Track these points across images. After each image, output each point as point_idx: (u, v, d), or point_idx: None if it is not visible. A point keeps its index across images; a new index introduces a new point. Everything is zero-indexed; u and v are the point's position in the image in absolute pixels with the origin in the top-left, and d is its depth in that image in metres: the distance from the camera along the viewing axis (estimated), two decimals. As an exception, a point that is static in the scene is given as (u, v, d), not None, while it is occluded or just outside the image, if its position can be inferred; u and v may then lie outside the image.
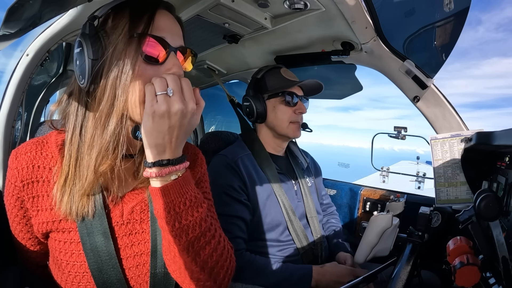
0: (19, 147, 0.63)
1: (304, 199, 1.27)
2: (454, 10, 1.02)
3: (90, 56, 0.54)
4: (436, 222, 1.02)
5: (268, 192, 1.17)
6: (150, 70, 0.57)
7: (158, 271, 0.66)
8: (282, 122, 1.22)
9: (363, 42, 1.18)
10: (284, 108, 1.22)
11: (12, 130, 0.99)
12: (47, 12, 0.47)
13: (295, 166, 1.34)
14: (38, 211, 0.62)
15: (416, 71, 1.19)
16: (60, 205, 0.59)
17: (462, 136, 1.13)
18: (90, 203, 0.61)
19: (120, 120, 0.57)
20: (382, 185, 1.97)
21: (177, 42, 0.61)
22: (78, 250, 0.62)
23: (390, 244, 0.95)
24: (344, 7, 1.01)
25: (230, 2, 1.04)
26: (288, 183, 1.25)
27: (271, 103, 1.24)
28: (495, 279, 0.72)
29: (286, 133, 1.24)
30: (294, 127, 1.23)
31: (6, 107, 0.97)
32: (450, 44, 1.17)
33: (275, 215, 1.15)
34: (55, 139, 0.64)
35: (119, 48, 0.56)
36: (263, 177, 1.19)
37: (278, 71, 1.26)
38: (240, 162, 1.16)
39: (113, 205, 0.65)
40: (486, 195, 0.68)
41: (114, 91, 0.56)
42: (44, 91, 1.73)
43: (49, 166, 0.62)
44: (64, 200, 0.59)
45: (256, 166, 1.20)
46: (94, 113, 0.58)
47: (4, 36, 0.46)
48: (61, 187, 0.59)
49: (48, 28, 0.94)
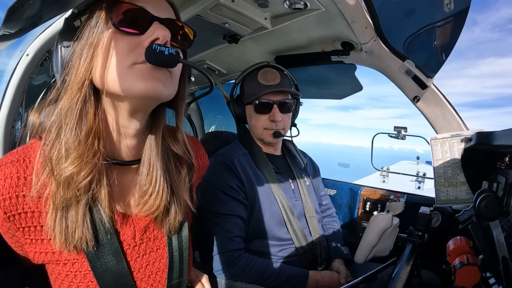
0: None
1: (302, 198, 1.26)
2: (454, 10, 1.02)
3: (62, 44, 0.49)
4: (436, 222, 1.02)
5: (266, 191, 1.16)
6: (126, 40, 0.49)
7: (174, 282, 0.61)
8: (256, 128, 1.23)
9: (363, 42, 1.18)
10: (257, 116, 1.21)
11: (12, 130, 0.99)
12: (47, 12, 0.46)
13: (293, 165, 1.32)
14: (31, 241, 0.52)
15: (416, 71, 1.19)
16: (54, 237, 0.49)
17: (462, 136, 1.13)
18: (88, 231, 0.50)
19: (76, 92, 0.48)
20: (382, 185, 1.97)
21: (164, 14, 0.52)
22: (86, 282, 0.53)
23: (390, 244, 0.95)
24: (344, 7, 1.01)
25: (230, 2, 1.04)
26: (286, 183, 1.24)
27: (248, 109, 1.25)
28: (495, 279, 0.72)
29: (262, 138, 1.24)
30: (269, 133, 1.21)
31: (6, 107, 0.97)
32: (450, 44, 1.17)
33: (274, 214, 1.14)
34: None
35: (89, 23, 0.49)
36: (260, 176, 1.18)
37: (256, 74, 1.22)
38: (236, 161, 1.15)
39: (122, 227, 0.56)
40: (486, 195, 0.68)
41: (76, 65, 0.49)
42: (44, 91, 1.72)
43: (37, 195, 0.49)
44: (56, 230, 0.48)
45: (253, 165, 1.19)
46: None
47: (4, 36, 0.46)
48: (51, 216, 0.48)
49: (48, 28, 0.94)
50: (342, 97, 2.02)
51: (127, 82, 0.48)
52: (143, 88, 0.48)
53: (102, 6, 0.49)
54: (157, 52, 0.47)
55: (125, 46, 0.48)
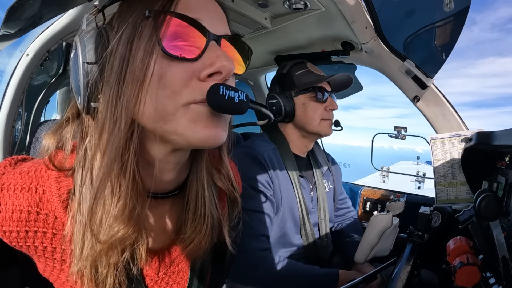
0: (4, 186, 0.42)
1: (320, 206, 1.20)
2: (454, 10, 1.02)
3: (85, 59, 0.37)
4: (436, 222, 1.02)
5: (290, 193, 1.10)
6: (178, 68, 0.37)
7: None
8: (313, 119, 1.12)
9: (363, 42, 1.18)
10: (315, 105, 1.12)
11: (12, 130, 0.99)
12: (47, 12, 0.46)
13: (316, 169, 1.24)
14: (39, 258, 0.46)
15: (416, 71, 1.19)
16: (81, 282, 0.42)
17: (462, 136, 1.13)
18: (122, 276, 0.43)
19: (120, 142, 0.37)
20: (382, 185, 1.97)
21: (220, 29, 0.41)
22: None
23: (390, 244, 0.95)
24: (344, 7, 1.00)
25: (230, 2, 1.03)
26: (306, 188, 1.18)
27: (300, 100, 1.13)
28: (495, 279, 0.72)
29: (318, 131, 1.14)
30: (326, 124, 1.14)
31: (6, 107, 0.97)
32: (450, 44, 1.17)
33: (293, 219, 1.09)
34: (57, 186, 0.42)
35: (125, 38, 0.37)
36: (286, 176, 1.11)
37: (305, 65, 1.17)
38: (266, 155, 1.07)
39: (147, 265, 0.49)
40: (486, 195, 0.68)
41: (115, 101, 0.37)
42: (44, 91, 1.73)
43: (52, 231, 0.43)
44: (85, 279, 0.42)
45: (281, 163, 1.11)
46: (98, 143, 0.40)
47: (4, 36, 0.46)
48: (77, 265, 0.41)
49: (48, 28, 0.94)
50: (342, 97, 2.02)
51: (181, 126, 0.37)
52: (203, 137, 0.38)
53: (140, 16, 0.37)
54: (226, 99, 0.36)
55: (177, 77, 0.37)
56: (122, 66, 0.37)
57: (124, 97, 0.37)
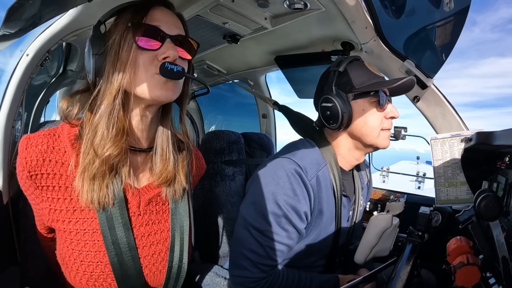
0: (31, 136, 0.64)
1: (351, 228, 1.08)
2: (454, 9, 1.02)
3: (94, 52, 0.62)
4: (436, 222, 1.02)
5: (329, 218, 0.97)
6: (146, 55, 0.62)
7: (174, 264, 0.72)
8: (373, 129, 0.94)
9: (363, 42, 1.18)
10: (376, 112, 0.94)
11: (12, 130, 0.99)
12: (47, 12, 0.47)
13: (357, 185, 1.08)
14: (47, 198, 0.63)
15: (416, 71, 1.19)
16: (82, 195, 0.62)
17: (462, 136, 1.13)
18: (110, 193, 0.64)
19: (112, 100, 0.62)
20: (382, 185, 1.97)
21: (174, 31, 0.66)
22: (93, 240, 0.64)
23: (390, 244, 0.95)
24: (344, 7, 1.01)
25: (230, 2, 1.04)
26: (347, 207, 1.03)
27: (359, 105, 0.93)
28: (495, 279, 0.73)
29: (376, 143, 0.95)
30: (386, 135, 0.96)
31: (6, 107, 0.97)
32: (450, 44, 1.17)
33: (323, 241, 0.97)
34: (68, 133, 0.66)
35: (117, 40, 0.62)
36: (331, 200, 0.96)
37: (363, 63, 0.97)
38: (315, 182, 0.91)
39: (130, 196, 0.69)
40: (486, 195, 0.68)
41: (111, 77, 0.62)
42: (44, 91, 1.72)
43: (61, 161, 0.63)
44: (84, 189, 0.61)
45: (328, 185, 0.95)
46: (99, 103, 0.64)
47: (4, 36, 0.46)
48: (81, 178, 0.61)
49: (48, 28, 0.94)
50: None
51: (149, 88, 0.63)
52: (159, 94, 0.64)
53: (125, 26, 0.62)
54: (168, 69, 0.61)
55: (146, 60, 0.62)
56: (115, 55, 0.62)
57: (116, 74, 0.61)
